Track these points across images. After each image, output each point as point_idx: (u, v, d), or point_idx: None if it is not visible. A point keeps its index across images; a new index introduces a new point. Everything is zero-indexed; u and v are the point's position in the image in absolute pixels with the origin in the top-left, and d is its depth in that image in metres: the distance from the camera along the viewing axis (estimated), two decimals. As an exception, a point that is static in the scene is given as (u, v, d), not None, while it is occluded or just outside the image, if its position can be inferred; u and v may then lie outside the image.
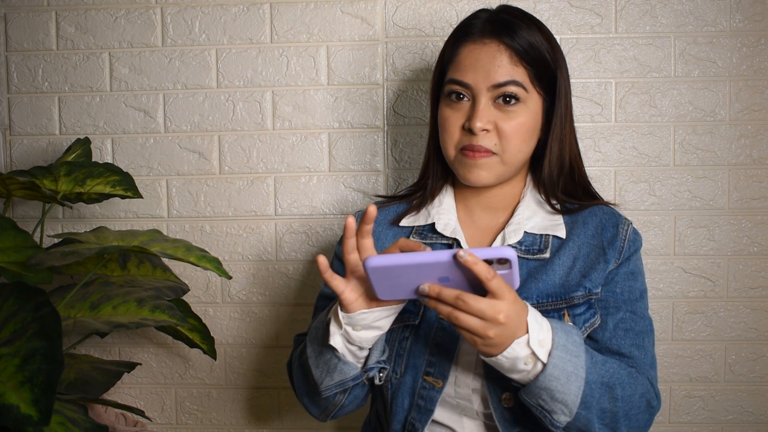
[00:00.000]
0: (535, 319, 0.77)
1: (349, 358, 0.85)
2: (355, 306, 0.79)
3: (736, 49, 1.36)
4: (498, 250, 0.70)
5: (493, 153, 0.92)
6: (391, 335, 0.94)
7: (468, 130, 0.92)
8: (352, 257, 0.79)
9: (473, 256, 0.69)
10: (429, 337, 0.92)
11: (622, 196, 1.39)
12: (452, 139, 0.94)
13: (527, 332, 0.76)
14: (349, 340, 0.83)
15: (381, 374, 0.89)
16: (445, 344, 0.91)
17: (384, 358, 0.89)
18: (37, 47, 1.45)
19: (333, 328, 0.83)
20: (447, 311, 0.73)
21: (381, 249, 1.00)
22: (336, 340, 0.83)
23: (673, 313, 1.40)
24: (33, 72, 1.45)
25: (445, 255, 0.69)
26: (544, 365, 0.77)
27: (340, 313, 0.81)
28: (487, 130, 0.91)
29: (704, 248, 1.39)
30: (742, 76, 1.36)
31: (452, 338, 0.91)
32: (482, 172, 0.93)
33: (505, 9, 0.96)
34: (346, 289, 0.79)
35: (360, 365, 0.87)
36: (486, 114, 0.90)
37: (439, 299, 0.73)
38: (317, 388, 0.89)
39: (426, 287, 0.73)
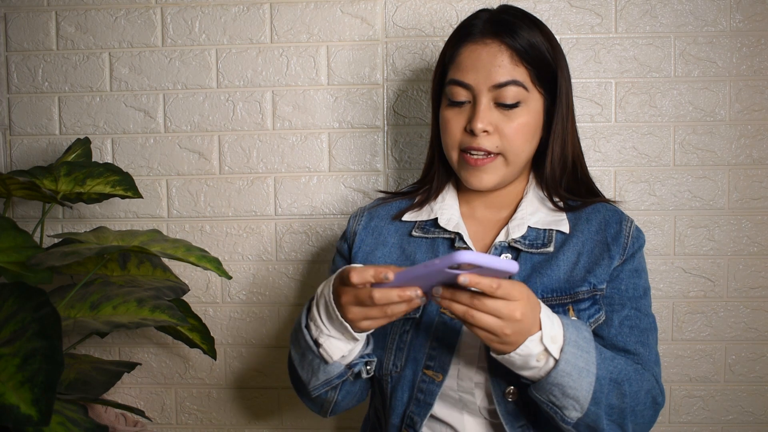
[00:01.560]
0: (547, 315, 0.77)
1: (337, 357, 0.85)
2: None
3: (736, 49, 1.36)
4: (502, 263, 0.68)
5: (496, 154, 0.92)
6: (392, 328, 0.95)
7: (469, 131, 0.92)
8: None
9: (474, 277, 0.69)
10: (430, 330, 0.93)
11: (622, 196, 1.39)
12: (454, 140, 0.94)
13: (540, 329, 0.76)
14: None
15: (368, 367, 0.89)
16: (445, 338, 0.92)
17: (368, 351, 0.88)
18: (37, 47, 1.45)
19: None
20: (462, 310, 0.73)
21: (382, 243, 1.01)
22: (326, 354, 0.84)
23: (673, 313, 1.40)
24: (33, 72, 1.45)
25: (446, 264, 0.68)
26: (556, 361, 0.77)
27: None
28: (487, 131, 0.91)
29: (704, 248, 1.39)
30: (742, 76, 1.36)
31: (453, 332, 0.91)
32: (485, 175, 0.93)
33: (505, 9, 0.96)
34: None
35: (344, 363, 0.87)
36: (487, 115, 0.91)
37: (453, 299, 0.73)
38: (306, 388, 0.90)
39: (440, 289, 0.73)
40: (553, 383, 0.78)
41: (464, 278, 0.68)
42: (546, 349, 0.76)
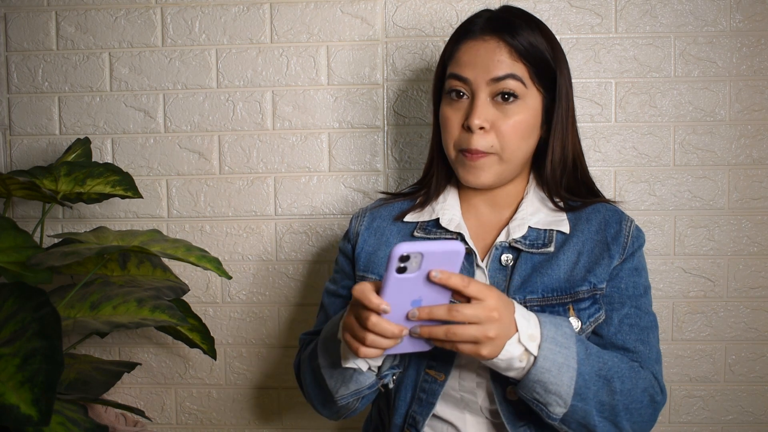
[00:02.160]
0: (522, 315, 0.78)
1: (365, 368, 0.87)
2: None
3: (736, 49, 1.36)
4: (443, 245, 0.70)
5: (491, 153, 0.92)
6: None
7: (466, 128, 0.92)
8: None
9: (444, 272, 0.70)
10: None
11: (622, 196, 1.39)
12: (452, 138, 0.95)
13: (517, 330, 0.77)
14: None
15: (394, 377, 0.91)
16: None
17: (396, 362, 0.91)
18: (37, 47, 1.45)
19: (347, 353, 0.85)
20: (442, 331, 0.73)
21: (384, 243, 1.01)
22: (351, 363, 0.85)
23: (673, 313, 1.40)
24: (33, 72, 1.45)
25: (393, 267, 0.69)
26: (536, 358, 0.78)
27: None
28: (484, 128, 0.91)
29: (704, 248, 1.39)
30: (742, 76, 1.36)
31: None
32: (482, 173, 0.93)
33: (507, 9, 0.97)
34: None
35: (375, 373, 0.89)
36: (484, 111, 0.91)
37: (431, 319, 0.73)
38: (332, 396, 0.90)
39: (416, 311, 0.73)
40: (534, 380, 0.79)
41: (436, 273, 0.70)
42: (526, 349, 0.77)
